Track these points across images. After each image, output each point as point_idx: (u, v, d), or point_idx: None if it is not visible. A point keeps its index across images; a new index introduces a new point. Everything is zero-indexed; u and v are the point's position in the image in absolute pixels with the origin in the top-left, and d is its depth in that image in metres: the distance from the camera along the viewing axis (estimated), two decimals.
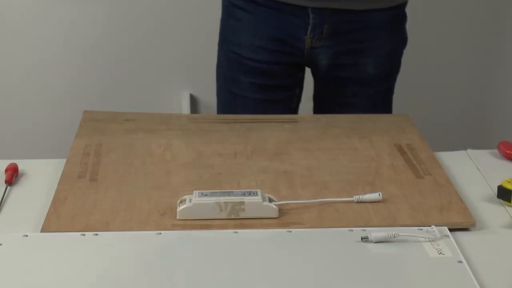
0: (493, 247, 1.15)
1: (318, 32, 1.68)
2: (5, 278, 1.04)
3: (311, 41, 1.69)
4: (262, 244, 1.13)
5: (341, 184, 1.28)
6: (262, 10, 1.70)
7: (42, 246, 1.12)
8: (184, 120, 1.53)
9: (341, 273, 1.06)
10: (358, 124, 1.52)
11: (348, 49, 1.70)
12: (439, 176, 1.31)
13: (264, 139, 1.45)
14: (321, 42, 1.69)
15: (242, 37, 1.74)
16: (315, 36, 1.69)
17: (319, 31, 1.68)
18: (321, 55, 1.71)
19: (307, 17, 1.67)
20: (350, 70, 1.72)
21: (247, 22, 1.72)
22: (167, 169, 1.32)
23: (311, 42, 1.69)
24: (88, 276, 1.06)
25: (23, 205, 1.24)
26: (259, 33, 1.72)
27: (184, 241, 1.13)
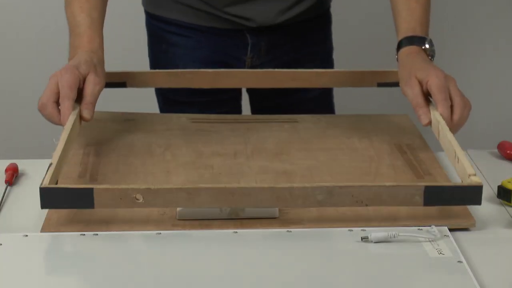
0: (493, 247, 1.15)
1: (257, 50, 1.69)
2: (5, 278, 1.04)
3: (251, 60, 1.70)
4: (262, 244, 1.13)
5: None
6: (197, 34, 1.69)
7: (42, 246, 1.12)
8: (184, 120, 1.53)
9: (341, 273, 1.07)
10: (358, 124, 1.52)
11: (286, 61, 1.71)
12: (439, 176, 1.31)
13: (264, 139, 1.45)
14: (260, 59, 1.70)
15: (180, 62, 1.70)
16: (255, 55, 1.69)
17: (258, 49, 1.69)
18: None
19: (244, 38, 1.68)
20: None
21: (184, 47, 1.70)
22: (167, 169, 1.32)
23: (251, 61, 1.70)
24: (88, 276, 1.06)
25: (23, 205, 1.24)
26: (198, 58, 1.69)
27: (184, 241, 1.13)
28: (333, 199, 1.14)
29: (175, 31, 1.70)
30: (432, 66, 1.40)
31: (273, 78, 1.55)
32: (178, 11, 1.68)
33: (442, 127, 1.30)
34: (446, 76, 1.37)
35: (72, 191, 1.12)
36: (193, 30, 1.68)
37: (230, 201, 1.13)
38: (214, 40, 1.69)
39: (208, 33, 1.68)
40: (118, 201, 1.12)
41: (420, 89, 1.37)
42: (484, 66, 2.62)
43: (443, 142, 1.29)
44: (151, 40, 1.78)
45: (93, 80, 1.37)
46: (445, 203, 1.16)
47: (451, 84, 1.36)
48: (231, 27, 1.66)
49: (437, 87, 1.34)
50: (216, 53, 1.70)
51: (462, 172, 1.20)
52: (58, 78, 1.36)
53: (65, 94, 1.33)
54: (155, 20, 1.74)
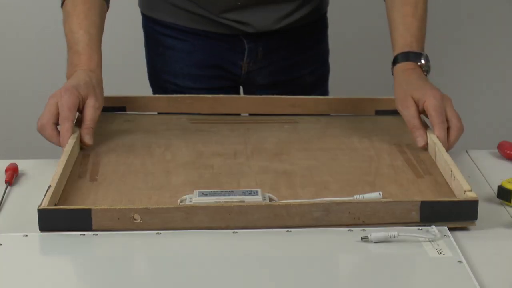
0: (493, 247, 1.15)
1: (254, 56, 1.69)
2: (5, 278, 1.04)
3: (247, 66, 1.70)
4: (262, 244, 1.13)
5: (341, 184, 1.28)
6: (194, 38, 1.68)
7: (42, 246, 1.12)
8: (183, 120, 1.53)
9: (341, 273, 1.07)
10: (357, 124, 1.52)
11: (282, 66, 1.72)
12: (439, 176, 1.31)
13: (264, 139, 1.45)
14: (256, 64, 1.70)
15: (176, 66, 1.71)
16: (251, 60, 1.69)
17: (254, 54, 1.69)
18: (258, 77, 1.72)
19: (241, 43, 1.67)
20: (289, 85, 1.74)
21: (180, 50, 1.70)
22: (167, 169, 1.32)
23: (247, 66, 1.70)
24: (88, 276, 1.06)
25: (23, 205, 1.24)
26: (195, 62, 1.70)
27: (184, 241, 1.13)
28: (330, 216, 1.15)
29: (171, 34, 1.70)
30: (428, 85, 1.42)
31: (271, 104, 1.56)
32: (174, 14, 1.68)
33: (438, 148, 1.33)
34: (443, 97, 1.39)
35: (70, 212, 1.13)
36: (189, 34, 1.68)
37: (228, 219, 1.14)
38: (210, 44, 1.68)
39: (204, 37, 1.68)
40: (116, 222, 1.13)
41: (416, 109, 1.39)
42: (484, 66, 2.62)
43: (440, 163, 1.32)
44: (147, 42, 1.78)
45: (93, 104, 1.39)
46: (442, 219, 1.17)
47: (448, 105, 1.38)
48: (228, 32, 1.66)
49: (434, 109, 1.36)
50: (212, 57, 1.69)
51: (458, 189, 1.22)
52: (57, 98, 1.37)
53: (65, 116, 1.35)
54: (151, 22, 1.74)
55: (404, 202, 1.16)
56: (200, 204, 1.15)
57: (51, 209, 1.14)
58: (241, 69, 1.70)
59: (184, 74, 1.71)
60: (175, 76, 1.72)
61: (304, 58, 1.75)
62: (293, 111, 1.56)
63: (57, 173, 1.22)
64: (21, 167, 1.36)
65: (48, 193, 1.16)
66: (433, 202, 1.17)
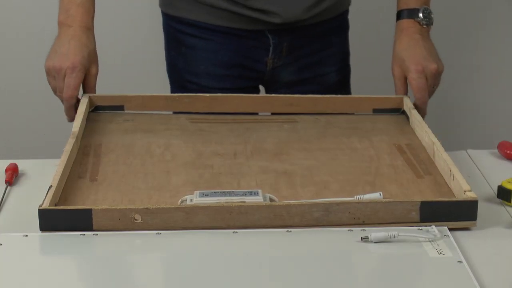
0: (493, 247, 1.15)
1: (279, 51, 1.68)
2: (5, 278, 1.04)
3: (272, 61, 1.69)
4: (262, 244, 1.13)
5: (341, 184, 1.28)
6: (218, 36, 1.67)
7: (42, 246, 1.12)
8: (183, 120, 1.53)
9: (341, 273, 1.07)
10: (357, 124, 1.52)
11: (306, 63, 1.71)
12: (439, 176, 1.31)
13: (264, 139, 1.45)
14: (281, 60, 1.69)
15: (200, 66, 1.69)
16: (276, 56, 1.68)
17: (279, 50, 1.68)
18: (282, 73, 1.71)
19: (266, 39, 1.67)
20: (314, 82, 1.73)
21: (203, 49, 1.69)
22: (167, 169, 1.32)
23: (272, 62, 1.69)
24: (88, 276, 1.06)
25: (23, 205, 1.24)
26: (218, 61, 1.69)
27: (184, 241, 1.13)
28: (330, 216, 1.15)
29: (194, 33, 1.68)
30: (418, 52, 1.55)
31: (269, 103, 1.55)
32: (197, 12, 1.67)
33: (437, 148, 1.33)
34: (424, 69, 1.53)
35: (71, 212, 1.13)
36: (213, 32, 1.67)
37: (228, 219, 1.14)
38: (235, 42, 1.67)
39: (228, 35, 1.66)
40: (117, 222, 1.14)
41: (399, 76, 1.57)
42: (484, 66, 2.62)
43: (439, 163, 1.32)
44: (168, 42, 1.76)
45: (95, 73, 1.53)
46: (442, 219, 1.17)
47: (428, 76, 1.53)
48: (252, 26, 1.65)
49: (416, 87, 1.53)
50: (237, 56, 1.68)
51: (458, 189, 1.22)
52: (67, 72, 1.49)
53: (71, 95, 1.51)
54: (173, 21, 1.72)
55: (404, 202, 1.16)
56: (200, 204, 1.15)
57: (52, 209, 1.14)
58: (266, 66, 1.69)
59: (208, 74, 1.70)
60: (198, 76, 1.70)
61: (328, 55, 1.73)
62: (290, 110, 1.56)
63: (58, 173, 1.22)
64: (21, 167, 1.36)
65: (49, 193, 1.16)
66: (433, 202, 1.17)
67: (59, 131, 2.35)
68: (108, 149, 1.39)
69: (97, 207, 1.13)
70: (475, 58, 2.61)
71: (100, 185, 1.26)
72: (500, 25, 2.58)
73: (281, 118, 1.55)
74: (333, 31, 1.74)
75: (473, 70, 2.62)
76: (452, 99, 2.64)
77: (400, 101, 1.56)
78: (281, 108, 1.56)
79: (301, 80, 1.73)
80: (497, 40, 2.60)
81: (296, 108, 1.55)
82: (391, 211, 1.16)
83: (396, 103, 1.56)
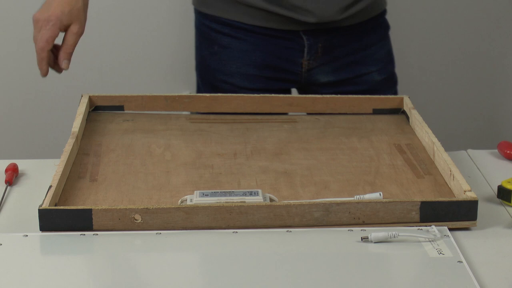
0: (493, 247, 1.15)
1: (313, 52, 1.67)
2: (5, 278, 1.04)
3: (308, 63, 1.68)
4: (262, 244, 1.13)
5: (341, 184, 1.28)
6: (252, 36, 1.67)
7: (42, 246, 1.12)
8: (183, 120, 1.53)
9: (341, 273, 1.07)
10: (357, 124, 1.52)
11: (346, 62, 1.70)
12: (439, 176, 1.31)
13: (264, 139, 1.45)
14: (317, 61, 1.68)
15: (233, 65, 1.69)
16: (311, 57, 1.68)
17: (314, 50, 1.67)
18: (319, 74, 1.70)
19: (300, 40, 1.66)
20: (355, 82, 1.72)
21: (238, 49, 1.68)
22: (167, 169, 1.32)
23: (308, 64, 1.68)
24: (88, 276, 1.06)
25: (23, 205, 1.24)
26: (253, 61, 1.68)
27: (184, 241, 1.13)
28: (330, 216, 1.16)
29: (228, 33, 1.68)
30: None
31: (269, 103, 1.55)
32: (233, 11, 1.66)
33: (437, 148, 1.33)
34: None
35: (71, 212, 1.13)
36: (248, 32, 1.67)
37: (228, 219, 1.15)
38: (269, 42, 1.67)
39: (263, 35, 1.66)
40: (117, 222, 1.14)
41: None
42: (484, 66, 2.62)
43: (439, 163, 1.32)
44: (200, 41, 1.76)
45: (76, 31, 1.48)
46: (442, 219, 1.17)
47: None
48: (287, 27, 1.64)
49: None
50: (271, 57, 1.68)
51: (457, 189, 1.22)
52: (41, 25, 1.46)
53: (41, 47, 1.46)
54: (206, 19, 1.71)
55: (404, 202, 1.16)
56: (200, 204, 1.15)
57: (52, 209, 1.14)
58: (301, 67, 1.69)
59: (240, 74, 1.69)
60: (231, 76, 1.70)
61: (368, 54, 1.72)
62: (290, 110, 1.56)
63: (57, 173, 1.22)
64: (21, 167, 1.36)
65: (49, 193, 1.16)
66: (433, 202, 1.17)
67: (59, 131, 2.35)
68: (108, 149, 1.39)
69: (97, 207, 1.13)
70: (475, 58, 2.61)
71: (100, 185, 1.27)
72: (500, 25, 2.58)
73: (281, 118, 1.55)
74: (372, 31, 1.72)
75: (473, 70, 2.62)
76: (451, 99, 2.64)
77: (400, 101, 1.56)
78: (281, 108, 1.56)
79: (340, 81, 1.71)
80: (497, 40, 2.60)
81: (296, 108, 1.55)
82: (391, 211, 1.16)
83: (396, 103, 1.56)
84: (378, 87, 1.72)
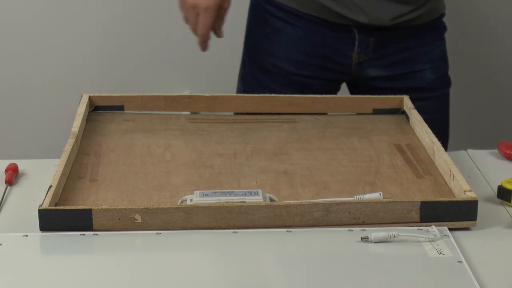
0: (493, 247, 1.15)
1: (364, 47, 1.67)
2: (5, 278, 1.04)
3: (358, 56, 1.68)
4: (262, 244, 1.13)
5: (341, 184, 1.28)
6: (305, 23, 1.67)
7: (42, 246, 1.12)
8: (183, 120, 1.53)
9: (341, 273, 1.07)
10: (357, 124, 1.52)
11: (398, 59, 1.69)
12: (439, 176, 1.31)
13: (264, 139, 1.45)
14: (367, 55, 1.68)
15: (283, 49, 1.70)
16: (362, 51, 1.67)
17: (365, 45, 1.67)
18: (370, 68, 1.70)
19: (352, 34, 1.66)
20: (407, 78, 1.71)
21: (289, 35, 1.69)
22: (167, 169, 1.32)
23: (358, 57, 1.68)
24: (88, 276, 1.06)
25: (23, 205, 1.24)
26: (303, 48, 1.68)
27: (184, 241, 1.13)
28: (330, 216, 1.16)
29: (283, 17, 1.68)
30: None
31: (269, 103, 1.55)
32: None
33: (437, 148, 1.33)
34: None
35: (71, 212, 1.13)
36: (301, 19, 1.67)
37: (228, 219, 1.15)
38: (321, 31, 1.67)
39: (315, 24, 1.66)
40: (117, 222, 1.14)
41: None
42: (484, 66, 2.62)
43: (439, 163, 1.32)
44: (254, 20, 1.76)
45: (227, 7, 1.61)
46: (442, 219, 1.17)
47: None
48: (340, 21, 1.65)
49: None
50: (321, 46, 1.68)
51: (457, 189, 1.22)
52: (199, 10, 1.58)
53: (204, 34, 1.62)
54: (263, 0, 1.72)
55: (404, 202, 1.16)
56: (200, 204, 1.15)
57: (52, 209, 1.14)
58: (351, 60, 1.68)
59: (289, 59, 1.70)
60: (279, 60, 1.71)
61: (421, 52, 1.71)
62: (290, 110, 1.56)
63: (57, 173, 1.22)
64: (21, 167, 1.36)
65: (49, 193, 1.16)
66: (433, 202, 1.17)
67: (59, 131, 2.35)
68: (108, 149, 1.39)
69: (97, 207, 1.13)
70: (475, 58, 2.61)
71: (100, 185, 1.27)
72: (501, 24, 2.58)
73: (281, 118, 1.55)
74: (427, 32, 1.72)
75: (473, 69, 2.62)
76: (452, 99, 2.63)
77: (400, 101, 1.56)
78: (281, 108, 1.56)
79: (392, 76, 1.71)
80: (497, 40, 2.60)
81: (296, 108, 1.55)
82: (391, 211, 1.16)
83: (396, 103, 1.56)
84: (430, 86, 1.72)
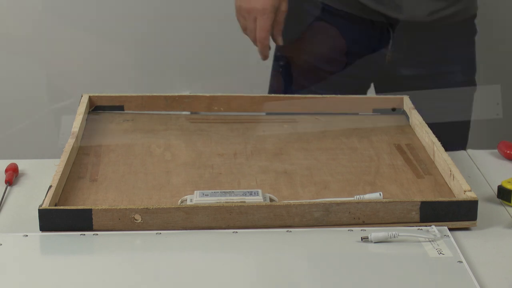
0: (493, 247, 1.15)
1: (398, 46, 1.67)
2: (5, 278, 1.04)
3: (392, 54, 1.68)
4: (262, 244, 1.13)
5: (341, 184, 1.28)
6: (339, 21, 1.68)
7: (42, 246, 1.12)
8: (183, 120, 1.53)
9: (341, 273, 1.07)
10: (357, 124, 1.52)
11: (430, 59, 1.70)
12: (439, 176, 1.31)
13: (264, 139, 1.45)
14: (400, 54, 1.68)
15: (316, 46, 1.70)
16: (395, 50, 1.68)
17: (399, 44, 1.67)
18: (402, 67, 1.70)
19: (386, 32, 1.66)
20: (435, 79, 1.72)
21: (323, 32, 1.70)
22: (167, 169, 1.32)
23: (392, 55, 1.68)
24: (88, 276, 1.06)
25: (23, 205, 1.24)
26: (336, 46, 1.69)
27: (184, 241, 1.13)
28: (330, 216, 1.16)
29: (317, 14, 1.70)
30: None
31: (270, 103, 1.55)
32: None
33: (437, 148, 1.33)
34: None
35: (71, 212, 1.14)
36: (335, 17, 1.68)
37: (228, 219, 1.15)
38: (355, 30, 1.67)
39: (350, 22, 1.67)
40: (117, 222, 1.14)
41: None
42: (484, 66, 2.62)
43: (439, 163, 1.32)
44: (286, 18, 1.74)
45: (284, 9, 1.60)
46: (442, 219, 1.17)
47: None
48: (375, 18, 1.65)
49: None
50: (355, 44, 1.69)
51: (457, 189, 1.22)
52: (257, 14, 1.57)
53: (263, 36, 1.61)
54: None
55: (404, 202, 1.16)
56: (200, 204, 1.15)
57: (52, 209, 1.14)
58: (384, 58, 1.69)
59: (323, 56, 1.71)
60: (312, 56, 1.72)
61: (452, 55, 1.72)
62: (290, 110, 1.56)
63: (57, 173, 1.22)
64: (21, 167, 1.36)
65: (49, 193, 1.16)
66: (433, 202, 1.17)
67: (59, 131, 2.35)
68: (108, 149, 1.39)
69: (97, 207, 1.13)
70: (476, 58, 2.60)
71: (100, 185, 1.27)
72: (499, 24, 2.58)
73: (281, 118, 1.55)
74: (459, 33, 1.72)
75: None
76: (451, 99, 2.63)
77: (400, 101, 1.56)
78: (281, 108, 1.56)
79: (421, 76, 1.72)
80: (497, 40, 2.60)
81: (296, 108, 1.55)
82: (391, 211, 1.16)
83: (396, 103, 1.56)
84: (458, 88, 1.73)
